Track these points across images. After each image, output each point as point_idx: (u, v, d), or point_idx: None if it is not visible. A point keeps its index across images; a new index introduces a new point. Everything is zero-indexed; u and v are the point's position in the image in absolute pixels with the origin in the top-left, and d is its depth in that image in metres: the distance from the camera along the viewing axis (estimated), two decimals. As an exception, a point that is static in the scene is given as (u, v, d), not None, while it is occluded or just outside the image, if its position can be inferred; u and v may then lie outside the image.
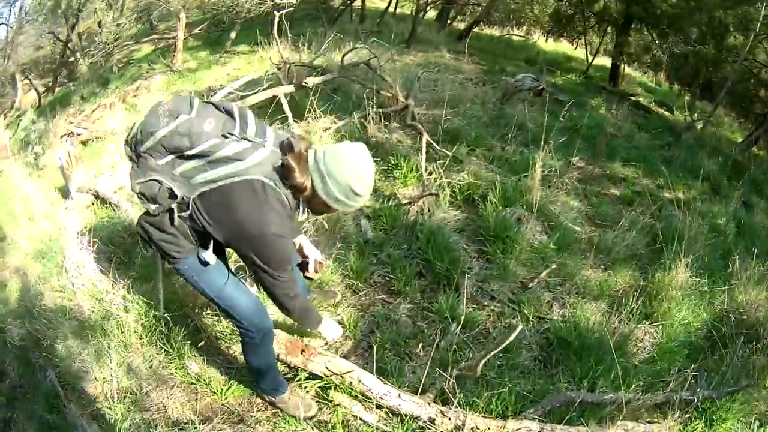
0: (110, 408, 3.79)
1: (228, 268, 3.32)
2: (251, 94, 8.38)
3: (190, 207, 2.82)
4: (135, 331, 4.33)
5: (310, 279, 4.12)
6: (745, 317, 5.19)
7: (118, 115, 11.30)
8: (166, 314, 4.25)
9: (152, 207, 2.86)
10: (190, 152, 2.73)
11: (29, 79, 17.47)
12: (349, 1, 19.52)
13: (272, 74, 9.07)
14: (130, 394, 3.94)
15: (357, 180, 2.82)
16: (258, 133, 2.85)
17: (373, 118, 7.53)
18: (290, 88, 8.39)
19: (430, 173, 6.44)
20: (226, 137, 2.74)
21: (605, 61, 18.29)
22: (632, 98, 14.16)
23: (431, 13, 21.09)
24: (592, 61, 17.55)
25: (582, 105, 11.15)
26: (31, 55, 20.22)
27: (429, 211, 6.07)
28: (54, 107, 14.28)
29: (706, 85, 15.59)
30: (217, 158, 2.72)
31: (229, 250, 3.42)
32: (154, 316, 4.36)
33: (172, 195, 2.78)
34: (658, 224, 6.75)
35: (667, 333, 4.96)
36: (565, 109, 8.11)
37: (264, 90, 8.39)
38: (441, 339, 4.45)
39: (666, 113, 14.48)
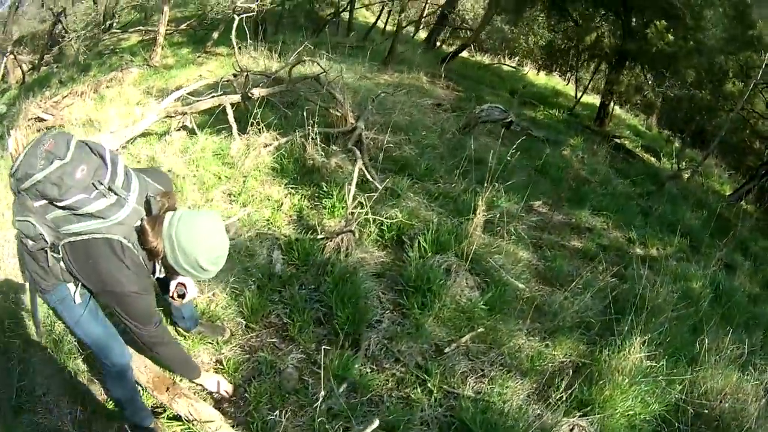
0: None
1: (90, 299, 3.17)
2: (198, 101, 7.59)
3: (61, 252, 2.78)
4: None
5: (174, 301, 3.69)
6: (705, 411, 4.20)
7: (87, 105, 10.64)
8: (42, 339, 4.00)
9: (29, 243, 2.79)
10: (58, 203, 2.68)
11: (14, 55, 16.69)
12: (337, 11, 18.59)
13: (227, 81, 8.09)
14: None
15: (205, 254, 2.82)
16: (125, 185, 2.81)
17: (314, 138, 6.60)
18: (236, 98, 7.57)
19: (358, 206, 5.49)
20: (95, 187, 2.69)
21: (595, 100, 17.45)
22: (617, 140, 13.30)
23: (424, 33, 20.45)
24: (580, 97, 16.68)
25: (558, 143, 10.24)
26: (35, 27, 19.55)
27: (347, 249, 5.19)
28: (39, 84, 13.96)
29: (698, 133, 14.64)
30: (83, 213, 2.69)
31: None
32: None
33: (45, 239, 2.74)
34: (620, 286, 5.75)
35: (604, 428, 3.92)
36: (544, 147, 7.12)
37: (211, 98, 7.60)
38: (323, 401, 3.67)
39: (652, 159, 13.56)
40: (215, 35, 14.15)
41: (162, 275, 3.04)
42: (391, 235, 5.58)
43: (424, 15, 20.59)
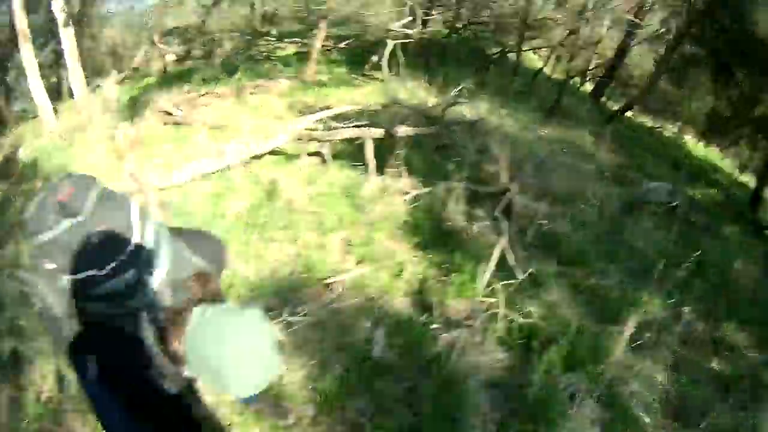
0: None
1: None
2: (339, 128, 7.10)
3: None
4: None
5: None
6: None
7: (225, 108, 10.63)
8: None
9: None
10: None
11: (159, 45, 16.96)
12: (504, 51, 17.53)
13: (374, 111, 7.53)
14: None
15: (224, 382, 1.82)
16: (147, 258, 1.93)
17: (458, 195, 5.90)
18: (379, 132, 6.90)
19: (491, 292, 4.73)
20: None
21: (752, 179, 15.60)
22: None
23: (589, 85, 19.24)
24: (738, 178, 15.24)
25: (715, 232, 9.02)
26: (189, 19, 19.56)
27: (463, 347, 4.36)
28: (178, 78, 14.09)
29: None
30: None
31: None
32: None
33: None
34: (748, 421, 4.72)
35: None
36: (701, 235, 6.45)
37: (351, 128, 7.03)
38: None
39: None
40: (374, 58, 13.56)
41: None
42: (519, 336, 4.70)
43: (591, 67, 19.46)
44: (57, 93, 17.48)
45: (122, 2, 20.03)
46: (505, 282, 4.81)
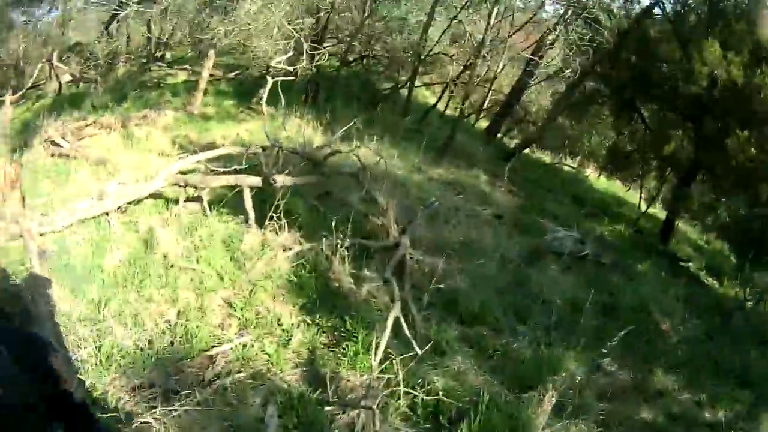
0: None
1: None
2: (217, 172, 6.45)
3: None
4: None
5: None
6: None
7: (111, 141, 9.98)
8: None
9: None
10: None
11: (51, 65, 16.00)
12: (396, 87, 17.11)
13: (254, 153, 6.86)
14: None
15: None
16: None
17: (343, 252, 5.28)
18: (256, 181, 6.27)
19: (389, 364, 4.14)
20: None
21: (660, 212, 16.00)
22: (682, 264, 11.87)
23: (484, 122, 19.03)
24: (646, 210, 15.33)
25: (627, 270, 8.80)
26: (88, 36, 18.63)
27: (363, 429, 3.78)
28: (71, 102, 13.40)
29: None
30: None
31: None
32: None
33: None
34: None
35: None
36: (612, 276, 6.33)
37: (228, 173, 6.39)
38: None
39: (715, 284, 11.98)
40: (261, 92, 12.96)
41: None
42: (426, 412, 4.12)
43: (486, 104, 19.04)
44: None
45: (28, 12, 18.89)
46: (403, 355, 4.25)
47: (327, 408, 3.98)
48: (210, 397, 4.02)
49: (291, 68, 10.12)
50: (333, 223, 5.34)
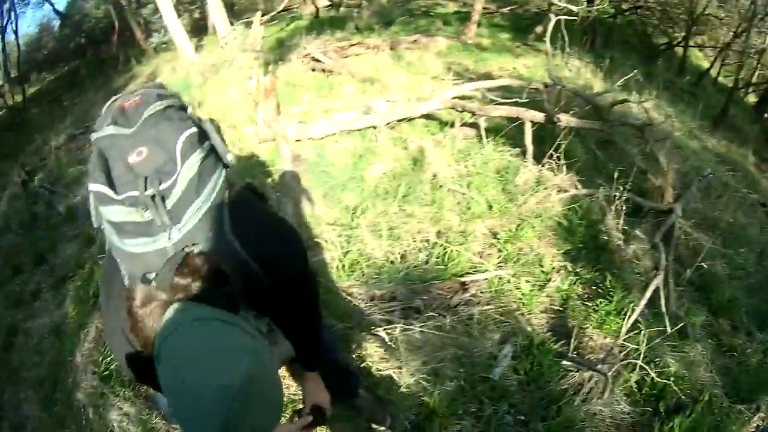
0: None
1: None
2: (498, 102, 6.23)
3: None
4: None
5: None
6: None
7: (377, 61, 10.31)
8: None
9: None
10: None
11: None
12: (671, 44, 16.03)
13: (535, 88, 6.58)
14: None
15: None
16: (177, 206, 1.53)
17: (618, 207, 4.94)
18: (539, 116, 5.98)
19: (634, 335, 3.93)
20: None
21: None
22: None
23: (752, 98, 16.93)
24: None
25: None
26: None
27: (588, 393, 3.65)
28: (330, 24, 14.00)
29: None
30: None
31: None
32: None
33: None
34: None
35: None
36: None
37: (509, 105, 6.13)
38: None
39: None
40: (538, 29, 12.68)
41: None
42: (649, 392, 3.84)
43: (755, 78, 16.75)
44: (200, 28, 17.78)
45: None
46: (650, 329, 3.99)
47: (564, 362, 3.83)
48: (452, 323, 4.03)
49: (573, 8, 9.71)
50: (615, 175, 5.01)
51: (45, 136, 11.82)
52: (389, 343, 3.84)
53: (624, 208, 4.91)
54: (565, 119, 5.83)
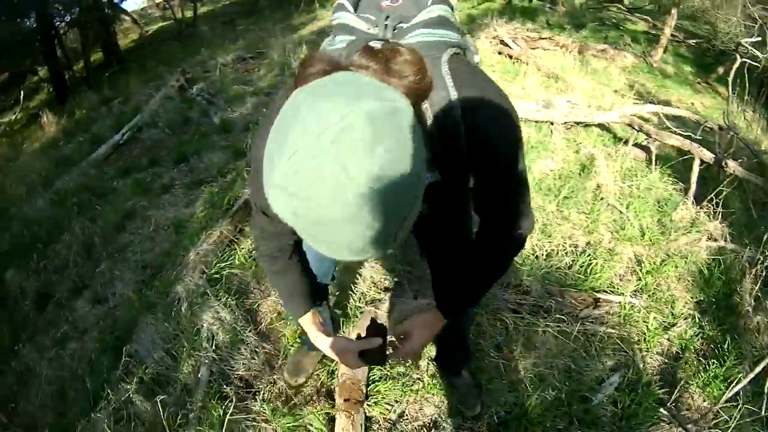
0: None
1: None
2: (668, 130, 6.31)
3: None
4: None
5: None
6: None
7: (566, 61, 10.36)
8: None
9: None
10: None
11: None
12: None
13: (710, 128, 6.41)
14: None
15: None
16: (409, 29, 1.56)
17: (757, 273, 4.59)
18: (709, 156, 5.87)
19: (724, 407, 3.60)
20: None
21: None
22: None
23: None
24: None
25: None
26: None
27: None
28: (521, 13, 14.35)
29: None
30: None
31: None
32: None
33: None
34: None
35: None
36: None
37: (682, 137, 6.11)
38: None
39: None
40: (720, 69, 12.20)
41: None
42: None
43: None
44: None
45: None
46: (749, 405, 3.63)
47: (661, 410, 3.60)
48: (576, 335, 3.92)
49: (760, 54, 9.45)
50: (765, 237, 4.60)
51: (212, 53, 12.34)
52: (511, 332, 3.84)
53: (764, 274, 4.63)
54: (733, 166, 5.74)
